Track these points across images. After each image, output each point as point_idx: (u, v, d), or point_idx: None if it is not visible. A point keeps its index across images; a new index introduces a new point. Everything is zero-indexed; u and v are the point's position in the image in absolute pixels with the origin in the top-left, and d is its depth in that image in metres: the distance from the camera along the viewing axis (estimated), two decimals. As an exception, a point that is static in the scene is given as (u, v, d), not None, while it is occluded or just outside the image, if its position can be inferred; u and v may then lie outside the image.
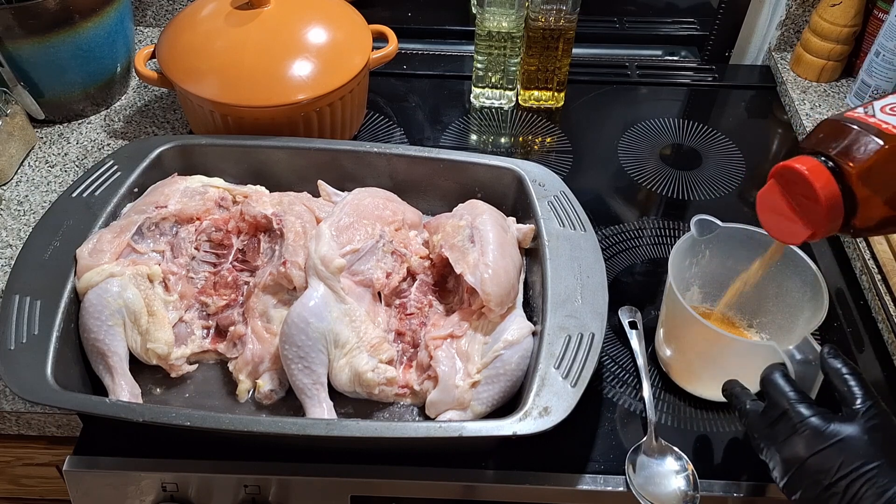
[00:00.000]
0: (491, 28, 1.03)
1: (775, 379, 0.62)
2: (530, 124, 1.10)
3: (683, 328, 0.74)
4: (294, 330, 0.71)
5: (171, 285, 0.78)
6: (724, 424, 0.75)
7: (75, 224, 0.79)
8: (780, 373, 0.62)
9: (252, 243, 0.81)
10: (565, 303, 0.72)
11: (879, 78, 1.03)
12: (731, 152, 1.07)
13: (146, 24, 1.24)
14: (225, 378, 0.77)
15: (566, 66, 1.07)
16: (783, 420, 0.59)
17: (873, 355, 0.81)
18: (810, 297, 0.71)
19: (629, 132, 1.09)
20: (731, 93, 1.17)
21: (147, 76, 0.93)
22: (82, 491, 0.71)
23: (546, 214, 0.80)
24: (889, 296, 0.82)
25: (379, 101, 1.12)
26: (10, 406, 0.78)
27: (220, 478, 0.70)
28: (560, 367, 0.67)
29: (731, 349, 0.70)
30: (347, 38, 0.94)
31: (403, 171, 0.88)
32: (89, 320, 0.72)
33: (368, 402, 0.74)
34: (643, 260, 0.91)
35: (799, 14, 1.15)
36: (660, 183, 1.02)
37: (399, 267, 0.80)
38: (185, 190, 0.82)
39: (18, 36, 0.94)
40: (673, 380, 0.77)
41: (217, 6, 0.93)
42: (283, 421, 0.66)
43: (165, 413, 0.65)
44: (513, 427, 0.64)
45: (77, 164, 1.01)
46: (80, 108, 1.06)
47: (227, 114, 0.90)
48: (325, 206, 0.83)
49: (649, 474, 0.69)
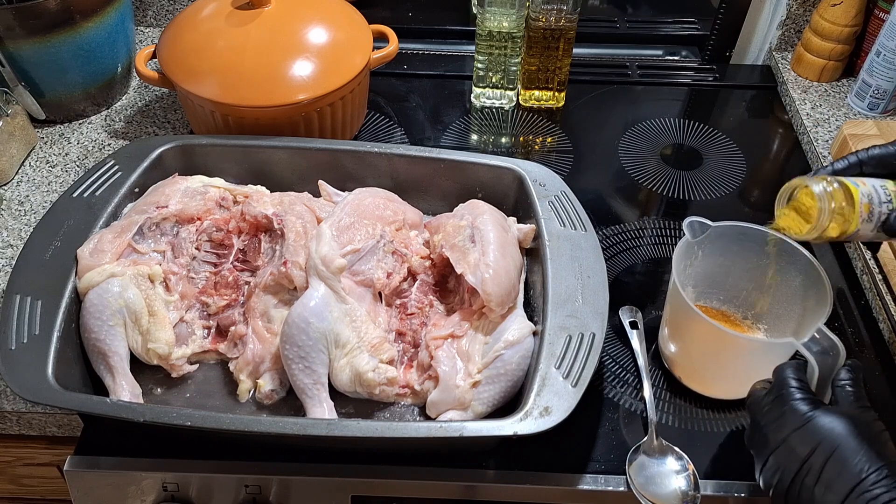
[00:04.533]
0: (492, 28, 1.03)
1: (784, 368, 0.63)
2: (531, 124, 1.10)
3: (689, 327, 0.74)
4: (295, 330, 0.71)
5: (171, 285, 0.78)
6: (724, 424, 0.75)
7: (76, 224, 0.79)
8: (792, 366, 0.64)
9: (253, 243, 0.81)
10: (566, 303, 0.72)
11: (880, 78, 1.03)
12: (732, 152, 1.07)
13: (147, 25, 1.24)
14: (226, 378, 0.77)
15: (567, 66, 1.07)
16: (777, 402, 0.61)
17: (874, 355, 0.81)
18: (810, 286, 0.71)
19: (630, 132, 1.09)
20: (732, 93, 1.17)
21: (148, 76, 0.93)
22: (83, 491, 0.71)
23: (547, 214, 0.80)
24: (890, 296, 0.82)
25: (380, 101, 1.12)
26: (11, 406, 0.78)
27: (221, 478, 0.70)
28: (561, 367, 0.67)
29: (746, 348, 0.71)
30: (348, 38, 0.94)
31: (404, 171, 0.88)
32: (90, 320, 0.72)
33: (369, 402, 0.74)
34: (644, 260, 0.91)
35: (800, 14, 1.14)
36: (660, 183, 1.02)
37: (400, 267, 0.80)
38: (185, 190, 0.82)
39: (19, 36, 0.94)
40: (678, 378, 0.77)
41: (218, 6, 0.93)
42: (284, 421, 0.66)
43: (166, 413, 0.65)
44: (513, 427, 0.64)
45: (78, 165, 1.01)
46: (80, 108, 1.06)
47: (228, 114, 0.90)
48: (325, 206, 0.83)
49: (650, 474, 0.69)
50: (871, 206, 0.65)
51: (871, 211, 0.65)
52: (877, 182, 0.66)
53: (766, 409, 0.62)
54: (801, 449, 0.58)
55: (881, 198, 0.65)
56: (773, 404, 0.61)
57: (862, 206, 0.65)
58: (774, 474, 0.59)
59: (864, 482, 0.54)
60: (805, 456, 0.57)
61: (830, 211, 0.65)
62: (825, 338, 0.64)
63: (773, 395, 0.62)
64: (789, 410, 0.60)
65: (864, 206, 0.65)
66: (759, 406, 0.63)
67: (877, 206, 0.65)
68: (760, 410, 0.62)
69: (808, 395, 0.61)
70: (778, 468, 0.59)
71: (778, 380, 0.63)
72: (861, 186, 0.66)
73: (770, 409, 0.61)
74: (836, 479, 0.55)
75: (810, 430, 0.58)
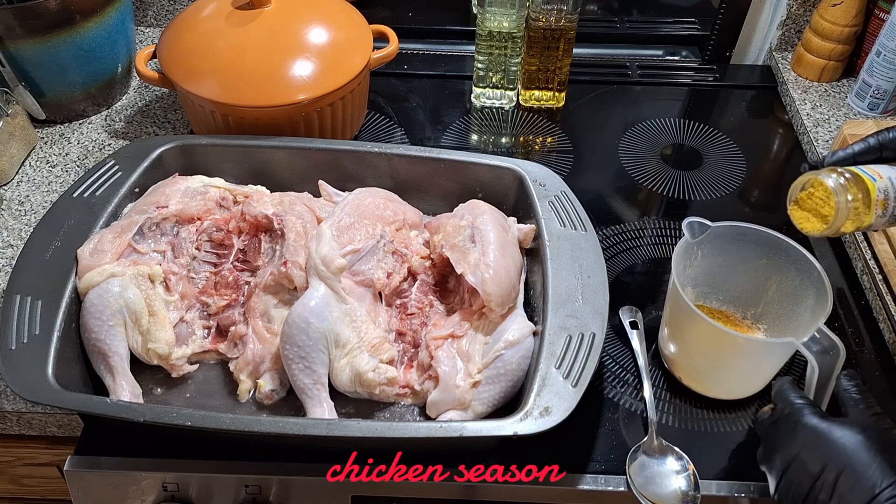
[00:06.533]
0: (492, 28, 1.03)
1: (784, 387, 0.64)
2: (531, 124, 1.10)
3: (689, 327, 0.74)
4: (295, 330, 0.71)
5: (171, 285, 0.78)
6: (725, 424, 0.75)
7: (76, 224, 0.79)
8: (790, 383, 0.64)
9: (253, 243, 0.81)
10: (566, 303, 0.72)
11: (880, 78, 1.03)
12: (732, 152, 1.07)
13: (147, 25, 1.24)
14: (226, 378, 0.77)
15: (567, 66, 1.07)
16: (785, 420, 0.61)
17: (874, 355, 0.81)
18: (810, 286, 0.71)
19: (630, 132, 1.09)
20: (732, 93, 1.17)
21: (148, 76, 0.93)
22: (83, 491, 0.71)
23: (547, 214, 0.80)
24: (890, 295, 0.82)
25: (380, 101, 1.12)
26: (12, 406, 0.78)
27: (221, 478, 0.70)
28: (561, 367, 0.67)
29: (746, 348, 0.71)
30: (348, 38, 0.94)
31: (404, 171, 0.88)
32: (90, 320, 0.72)
33: (369, 402, 0.74)
34: (644, 260, 0.91)
35: (800, 14, 1.14)
36: (660, 183, 1.02)
37: (400, 267, 0.80)
38: (185, 190, 0.82)
39: (19, 36, 0.94)
40: (678, 378, 0.77)
41: (218, 6, 0.93)
42: (284, 421, 0.66)
43: (166, 413, 0.65)
44: (513, 427, 0.64)
45: (78, 165, 1.01)
46: (81, 108, 1.06)
47: (228, 114, 0.90)
48: (325, 206, 0.83)
49: (650, 474, 0.69)
50: (888, 202, 0.64)
51: (887, 206, 0.64)
52: (892, 173, 0.65)
53: (777, 428, 0.62)
54: (813, 465, 0.57)
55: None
56: (783, 423, 0.61)
57: (878, 202, 0.64)
58: (789, 491, 0.59)
59: (879, 497, 0.53)
60: (817, 472, 0.57)
61: (846, 203, 0.64)
62: (825, 337, 0.64)
63: (781, 415, 0.62)
64: (800, 426, 0.60)
65: (879, 203, 0.64)
66: (768, 427, 0.63)
67: (892, 201, 0.64)
68: (771, 431, 0.62)
69: (816, 409, 0.60)
70: (792, 485, 0.58)
71: (782, 400, 0.63)
72: (878, 181, 0.64)
73: (780, 428, 0.61)
74: (849, 494, 0.54)
75: (821, 444, 0.57)
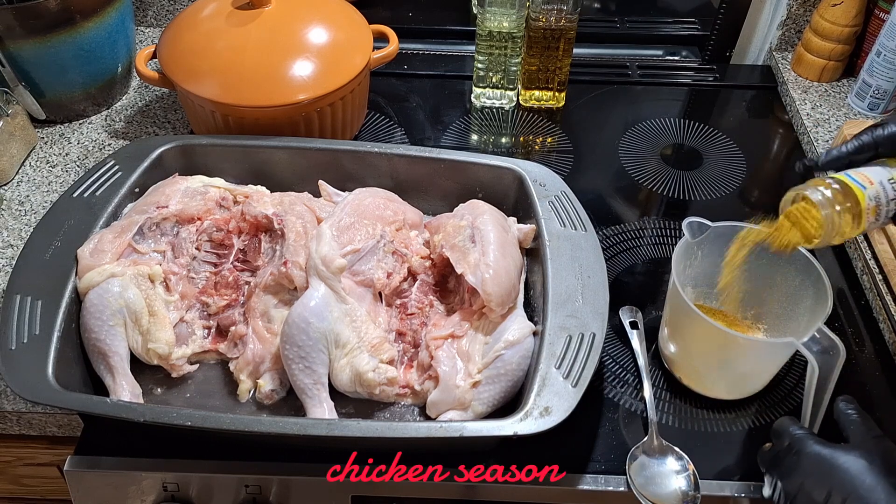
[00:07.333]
0: (492, 28, 1.03)
1: (784, 424, 0.64)
2: (531, 124, 1.10)
3: (689, 327, 0.74)
4: (295, 330, 0.71)
5: (171, 285, 0.78)
6: (725, 424, 0.75)
7: (76, 224, 0.79)
8: (788, 418, 0.65)
9: (253, 243, 0.81)
10: (566, 303, 0.72)
11: (880, 78, 1.03)
12: (732, 152, 1.07)
13: (147, 25, 1.24)
14: (226, 378, 0.77)
15: (567, 66, 1.07)
16: (788, 452, 0.62)
17: (874, 355, 0.81)
18: (810, 286, 0.71)
19: (630, 132, 1.09)
20: (732, 93, 1.17)
21: (148, 76, 0.93)
22: (83, 491, 0.71)
23: (547, 214, 0.80)
24: (890, 295, 0.82)
25: (380, 101, 1.12)
26: (12, 406, 0.78)
27: (221, 478, 0.70)
28: (561, 367, 0.67)
29: (746, 348, 0.71)
30: (348, 38, 0.94)
31: (404, 171, 0.88)
32: (90, 320, 0.72)
33: (369, 402, 0.74)
34: (644, 260, 0.91)
35: (800, 14, 1.14)
36: (660, 183, 1.02)
37: (400, 267, 0.80)
38: (185, 190, 0.82)
39: (19, 36, 0.94)
40: (678, 378, 0.77)
41: (218, 6, 0.93)
42: (284, 421, 0.66)
43: (166, 413, 0.65)
44: (513, 427, 0.64)
45: (78, 165, 1.01)
46: (81, 108, 1.06)
47: (228, 114, 0.90)
48: (325, 206, 0.83)
49: (650, 474, 0.69)
50: (879, 208, 0.63)
51: (879, 212, 0.63)
52: (884, 176, 0.63)
53: (780, 460, 0.62)
54: (819, 493, 0.57)
55: (889, 195, 0.63)
56: (785, 454, 0.62)
57: (869, 210, 0.63)
58: None
59: None
60: (823, 499, 0.57)
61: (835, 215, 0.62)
62: (825, 337, 0.64)
63: (781, 446, 0.62)
64: (802, 455, 0.60)
65: (871, 210, 0.63)
66: (771, 460, 0.63)
67: (884, 206, 0.63)
68: (775, 463, 0.63)
69: (818, 438, 0.61)
70: None
71: (783, 433, 0.63)
72: (868, 188, 0.63)
73: (784, 460, 0.61)
74: None
75: (825, 472, 0.58)
